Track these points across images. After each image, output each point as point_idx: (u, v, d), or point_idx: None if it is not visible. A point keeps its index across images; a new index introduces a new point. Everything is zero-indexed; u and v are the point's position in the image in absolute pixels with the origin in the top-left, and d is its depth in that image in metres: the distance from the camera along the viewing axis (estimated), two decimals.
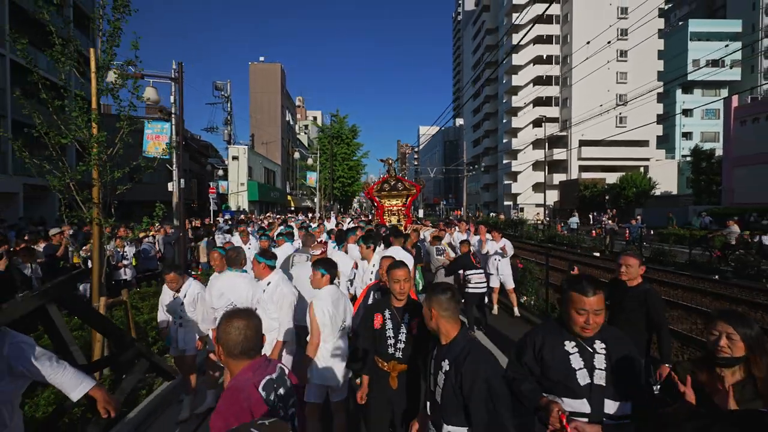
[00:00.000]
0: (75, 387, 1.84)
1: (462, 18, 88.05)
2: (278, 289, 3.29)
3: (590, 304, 1.71)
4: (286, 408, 1.56)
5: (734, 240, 13.12)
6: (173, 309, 3.88)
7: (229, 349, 1.49)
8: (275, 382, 1.54)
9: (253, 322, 1.54)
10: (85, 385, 1.86)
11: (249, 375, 1.48)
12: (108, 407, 1.90)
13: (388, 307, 2.56)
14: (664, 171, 41.63)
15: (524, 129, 48.45)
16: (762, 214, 16.88)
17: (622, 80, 44.22)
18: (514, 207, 46.97)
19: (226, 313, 1.60)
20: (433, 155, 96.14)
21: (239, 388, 1.44)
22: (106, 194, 4.64)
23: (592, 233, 20.92)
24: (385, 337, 2.50)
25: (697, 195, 30.30)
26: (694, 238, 16.11)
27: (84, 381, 1.87)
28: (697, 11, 54.73)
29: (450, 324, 1.85)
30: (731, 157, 25.09)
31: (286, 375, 1.65)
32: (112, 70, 6.89)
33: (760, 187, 20.95)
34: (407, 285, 2.52)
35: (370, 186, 11.36)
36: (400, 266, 2.55)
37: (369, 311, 2.66)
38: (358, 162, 37.06)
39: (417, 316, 2.45)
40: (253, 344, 1.52)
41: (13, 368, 1.71)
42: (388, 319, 2.52)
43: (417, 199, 11.46)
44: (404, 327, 2.48)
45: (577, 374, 1.74)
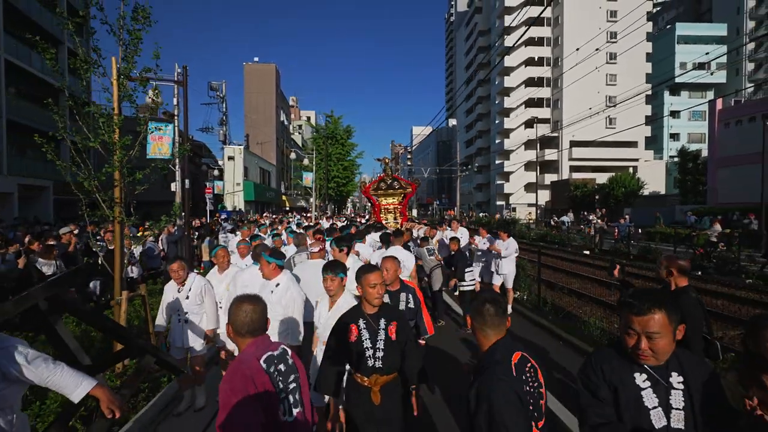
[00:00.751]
0: (75, 388, 1.75)
1: (454, 19, 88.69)
2: (288, 293, 3.25)
3: (642, 324, 1.42)
4: (286, 382, 1.75)
5: (715, 237, 13.73)
6: (177, 305, 3.73)
7: (237, 329, 1.72)
8: (276, 359, 1.75)
9: (259, 306, 1.76)
10: (86, 385, 1.77)
11: (252, 350, 1.71)
12: (112, 407, 1.81)
13: (361, 315, 2.35)
14: (653, 171, 42.59)
15: (516, 130, 49.13)
16: (743, 213, 17.55)
17: (611, 82, 45.09)
18: (507, 207, 47.63)
19: (236, 297, 1.80)
20: (426, 155, 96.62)
21: (243, 360, 1.68)
22: (126, 194, 4.89)
23: (588, 231, 21.44)
24: (363, 349, 2.27)
25: (683, 195, 31.12)
26: (679, 236, 16.73)
27: (84, 381, 1.78)
28: (684, 15, 55.98)
29: (483, 336, 1.67)
30: (716, 158, 25.88)
31: (289, 355, 1.84)
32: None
33: (743, 187, 21.69)
34: (383, 289, 2.36)
35: (366, 185, 11.63)
36: (371, 270, 2.38)
37: (341, 324, 2.37)
38: (353, 162, 37.37)
39: (393, 318, 2.36)
40: (258, 325, 1.74)
41: (6, 373, 1.67)
42: (363, 329, 2.30)
43: (411, 198, 11.75)
44: (382, 333, 2.30)
45: (651, 415, 1.43)
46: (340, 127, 35.69)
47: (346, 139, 35.98)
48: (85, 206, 4.84)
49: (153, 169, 5.22)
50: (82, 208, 4.87)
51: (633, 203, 31.70)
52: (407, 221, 10.77)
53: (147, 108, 7.25)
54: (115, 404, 1.82)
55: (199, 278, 3.86)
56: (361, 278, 2.34)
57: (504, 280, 6.93)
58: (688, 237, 16.30)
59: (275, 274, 3.31)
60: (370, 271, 2.35)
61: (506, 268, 6.83)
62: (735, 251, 11.89)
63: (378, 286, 2.31)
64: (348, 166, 36.66)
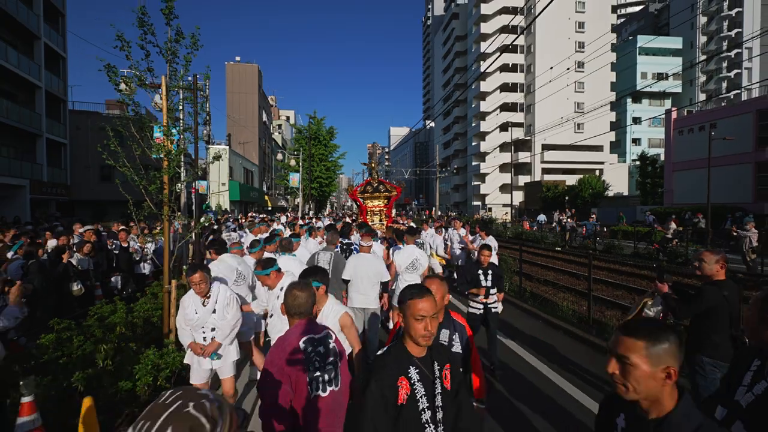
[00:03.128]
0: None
1: (432, 22, 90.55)
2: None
3: (615, 343, 1.20)
4: (323, 363, 1.90)
5: (671, 234, 15.44)
6: (202, 321, 3.29)
7: (287, 310, 1.97)
8: (316, 341, 1.91)
9: (306, 293, 1.98)
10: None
11: (296, 330, 1.91)
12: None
13: (410, 361, 1.58)
14: (617, 174, 45.55)
15: (492, 133, 51.14)
16: (694, 213, 19.59)
17: (579, 89, 47.78)
18: (483, 207, 49.57)
19: (290, 283, 2.07)
20: (404, 156, 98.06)
21: (286, 337, 1.90)
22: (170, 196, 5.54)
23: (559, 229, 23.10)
24: (418, 412, 1.54)
25: (643, 196, 33.65)
26: (639, 234, 18.52)
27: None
28: (645, 28, 59.90)
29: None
30: (671, 162, 28.32)
31: (332, 339, 2.00)
32: (123, 80, 7.86)
33: (694, 189, 23.98)
34: (436, 324, 1.58)
35: (354, 188, 12.14)
36: (421, 294, 1.58)
37: (382, 375, 1.56)
38: (335, 163, 37.96)
39: (446, 359, 1.67)
40: (304, 309, 1.96)
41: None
42: (417, 382, 1.56)
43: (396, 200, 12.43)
44: (438, 385, 1.59)
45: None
46: (323, 128, 36.22)
47: (329, 140, 36.55)
48: (132, 206, 5.47)
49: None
50: (130, 208, 5.50)
51: (599, 204, 33.99)
52: (392, 222, 11.20)
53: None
54: None
55: (224, 288, 3.47)
56: (405, 305, 1.58)
57: None
58: (647, 234, 18.10)
59: (278, 280, 3.30)
60: (419, 296, 1.56)
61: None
62: (684, 246, 13.54)
63: (429, 320, 1.54)
64: (330, 167, 37.23)
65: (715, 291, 2.83)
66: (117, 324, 5.26)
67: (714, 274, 2.92)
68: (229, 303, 3.36)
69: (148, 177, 5.26)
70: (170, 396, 0.79)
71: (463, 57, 58.75)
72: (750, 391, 1.52)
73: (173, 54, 5.50)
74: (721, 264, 2.91)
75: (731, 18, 47.88)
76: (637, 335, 1.13)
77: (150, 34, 5.31)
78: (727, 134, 21.02)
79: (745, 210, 20.08)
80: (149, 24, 5.17)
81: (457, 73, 59.33)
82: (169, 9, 5.30)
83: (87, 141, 28.24)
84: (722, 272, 2.92)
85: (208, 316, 3.28)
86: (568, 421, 3.59)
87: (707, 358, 2.84)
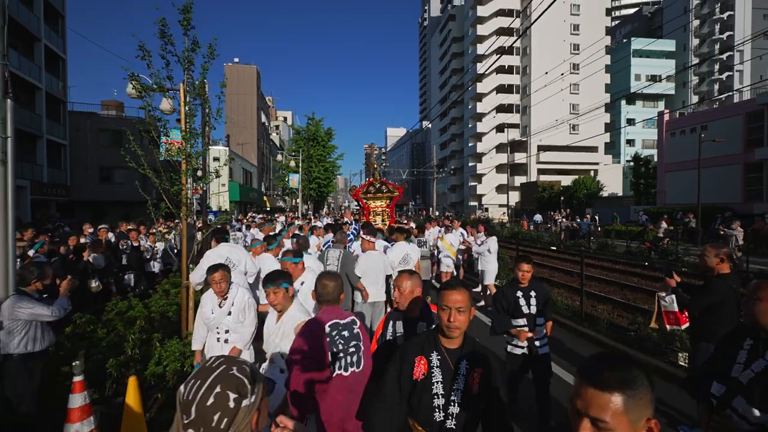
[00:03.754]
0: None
1: (428, 24, 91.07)
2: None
3: (589, 401, 0.96)
4: (346, 345, 2.09)
5: (662, 233, 15.91)
6: (217, 321, 3.24)
7: (317, 297, 2.21)
8: (341, 326, 2.12)
9: (333, 282, 2.22)
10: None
11: (323, 315, 2.13)
12: None
13: (435, 347, 1.69)
14: (611, 175, 46.19)
15: (488, 134, 51.67)
16: (685, 213, 20.12)
17: (574, 91, 48.40)
18: (480, 207, 50.06)
19: (320, 273, 2.34)
20: (401, 157, 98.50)
21: (314, 321, 2.13)
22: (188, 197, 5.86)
23: (555, 229, 23.58)
24: (431, 394, 1.63)
25: (637, 196, 34.23)
26: (632, 233, 19.00)
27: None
28: (639, 30, 60.71)
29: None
30: (664, 163, 28.89)
31: (357, 326, 2.20)
32: (130, 82, 8.27)
33: (686, 189, 24.52)
34: (461, 317, 1.63)
35: (356, 189, 12.23)
36: (454, 286, 1.67)
37: (405, 352, 1.72)
38: (333, 163, 38.29)
39: (480, 363, 1.66)
40: (331, 297, 2.18)
41: None
42: (436, 367, 1.65)
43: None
44: (461, 381, 1.64)
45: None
46: (322, 129, 36.54)
47: (327, 141, 36.88)
48: (151, 205, 5.80)
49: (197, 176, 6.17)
50: (149, 208, 5.83)
51: (593, 204, 34.54)
52: (395, 222, 11.26)
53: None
54: None
55: (242, 291, 3.37)
56: (442, 294, 1.68)
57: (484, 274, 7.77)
58: (639, 234, 18.58)
59: (300, 272, 3.53)
60: (449, 288, 1.68)
61: (488, 265, 7.66)
62: (674, 245, 14.00)
63: (454, 312, 1.62)
64: (329, 168, 37.55)
65: (724, 284, 2.93)
66: (137, 318, 5.59)
67: (716, 268, 3.00)
68: (247, 308, 3.26)
69: (169, 179, 5.58)
70: (215, 361, 0.94)
71: (459, 58, 59.26)
72: (748, 369, 1.67)
73: (190, 62, 5.84)
74: (721, 258, 2.99)
75: (723, 21, 48.70)
76: (610, 386, 0.84)
77: (170, 44, 5.65)
78: (717, 136, 21.58)
79: (734, 210, 20.62)
80: (169, 35, 5.51)
81: (454, 74, 59.83)
82: (187, 20, 5.64)
83: (86, 142, 28.40)
84: (726, 266, 3.00)
85: (223, 317, 3.22)
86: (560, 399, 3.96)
87: (711, 344, 2.91)
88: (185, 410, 0.87)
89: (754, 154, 22.33)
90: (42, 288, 3.36)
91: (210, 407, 0.86)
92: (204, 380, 0.89)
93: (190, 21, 5.67)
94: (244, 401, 0.89)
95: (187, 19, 5.62)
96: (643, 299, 8.23)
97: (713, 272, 3.01)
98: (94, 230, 9.85)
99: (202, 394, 0.87)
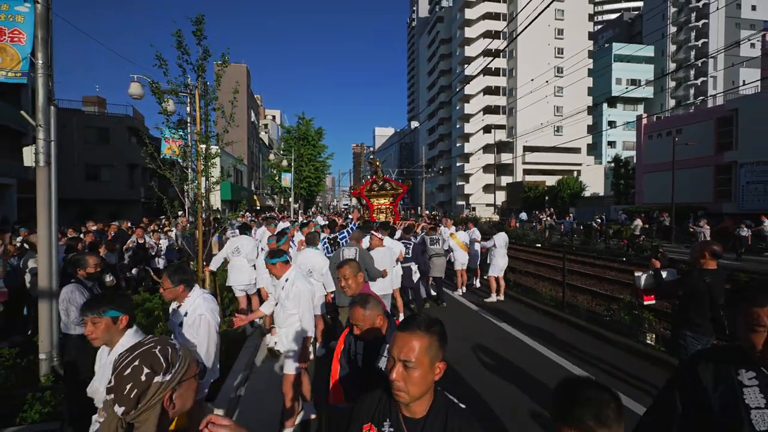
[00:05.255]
0: None
1: (416, 24, 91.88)
2: (294, 287, 3.27)
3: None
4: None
5: (638, 231, 16.88)
6: (172, 326, 2.80)
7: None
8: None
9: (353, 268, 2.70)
10: None
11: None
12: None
13: (389, 412, 1.24)
14: (594, 175, 47.72)
15: (476, 135, 52.71)
16: (660, 212, 21.24)
17: (559, 93, 49.80)
18: (467, 207, 51.06)
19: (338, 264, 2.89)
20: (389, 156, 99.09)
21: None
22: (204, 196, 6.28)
23: (540, 227, 24.49)
24: None
25: (617, 196, 35.60)
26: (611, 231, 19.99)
27: None
28: (620, 35, 62.72)
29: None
30: (642, 165, 30.21)
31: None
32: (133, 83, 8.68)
33: (662, 190, 25.79)
34: (418, 376, 1.13)
35: (360, 186, 12.25)
36: (409, 327, 1.19)
37: (353, 416, 1.31)
38: (324, 163, 38.60)
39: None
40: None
41: None
42: None
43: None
44: None
45: (752, 415, 1.18)
46: (312, 128, 36.82)
47: (318, 141, 37.18)
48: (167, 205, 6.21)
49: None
50: (165, 206, 6.24)
51: (576, 203, 35.77)
52: (400, 219, 11.50)
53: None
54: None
55: (201, 304, 2.60)
56: (394, 339, 1.21)
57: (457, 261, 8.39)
58: (617, 231, 19.58)
59: (284, 271, 3.34)
60: (405, 328, 1.20)
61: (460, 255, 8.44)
62: (649, 242, 14.93)
63: (406, 368, 1.14)
64: (319, 167, 37.84)
65: (698, 277, 3.20)
66: (155, 309, 6.00)
67: (699, 262, 3.26)
68: (197, 323, 2.51)
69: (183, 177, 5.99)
70: (149, 340, 1.06)
71: (447, 60, 60.16)
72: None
73: (202, 70, 6.28)
74: (706, 254, 3.24)
75: (698, 29, 50.82)
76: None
77: (186, 54, 6.06)
78: (691, 139, 22.82)
79: (706, 209, 21.88)
80: (185, 46, 5.93)
81: (442, 75, 60.70)
82: (200, 31, 6.08)
83: (73, 140, 28.04)
84: (712, 262, 3.23)
85: (175, 324, 2.74)
86: (543, 373, 4.57)
87: (689, 332, 3.27)
88: (111, 376, 0.98)
89: (723, 157, 23.69)
90: (92, 275, 3.77)
91: (125, 377, 0.95)
92: (130, 353, 1.00)
93: (203, 31, 6.11)
94: (156, 377, 0.97)
95: (200, 30, 6.06)
96: (619, 290, 8.98)
97: (699, 266, 3.27)
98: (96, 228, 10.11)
99: (123, 365, 0.98)
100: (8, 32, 4.17)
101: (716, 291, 3.16)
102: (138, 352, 1.00)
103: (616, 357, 5.04)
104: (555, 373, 4.54)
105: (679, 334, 3.35)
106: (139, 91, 10.67)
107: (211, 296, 2.80)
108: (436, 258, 7.59)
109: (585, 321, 6.34)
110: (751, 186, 21.39)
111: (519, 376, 4.52)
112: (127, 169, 30.53)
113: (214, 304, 2.72)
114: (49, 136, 4.16)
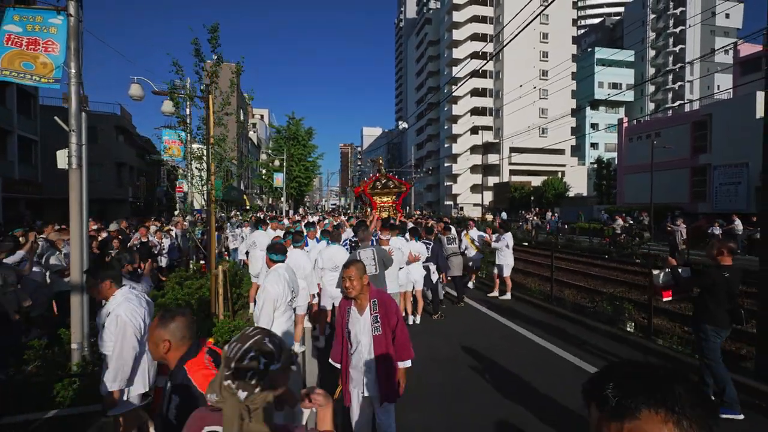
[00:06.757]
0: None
1: (404, 25, 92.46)
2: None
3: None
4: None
5: (619, 230, 17.72)
6: (97, 325, 2.76)
7: (343, 293, 2.80)
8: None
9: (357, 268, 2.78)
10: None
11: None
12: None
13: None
14: (577, 176, 49.09)
15: (463, 135, 53.56)
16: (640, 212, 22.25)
17: (543, 96, 51.04)
18: (455, 207, 51.87)
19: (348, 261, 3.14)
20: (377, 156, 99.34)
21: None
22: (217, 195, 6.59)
23: (526, 227, 25.28)
24: None
25: (599, 196, 36.84)
26: (594, 230, 20.88)
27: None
28: (602, 40, 64.59)
29: None
30: (623, 166, 31.41)
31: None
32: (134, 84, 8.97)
33: (642, 190, 26.92)
34: None
35: (364, 184, 12.19)
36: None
37: None
38: (314, 162, 38.77)
39: None
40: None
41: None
42: None
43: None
44: None
45: None
46: (302, 128, 36.95)
47: (308, 141, 37.34)
48: (179, 202, 6.51)
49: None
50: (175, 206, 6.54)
51: (561, 203, 36.88)
52: (403, 217, 11.45)
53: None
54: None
55: (123, 307, 2.54)
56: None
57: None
58: (600, 230, 20.47)
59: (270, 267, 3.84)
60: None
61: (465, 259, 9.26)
62: (629, 240, 15.76)
63: None
64: (309, 167, 37.99)
65: (716, 272, 3.44)
66: (169, 303, 6.30)
67: (716, 258, 3.54)
68: (115, 325, 2.47)
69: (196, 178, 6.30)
70: (253, 330, 1.15)
71: (435, 61, 60.89)
72: None
73: (216, 75, 6.61)
74: (722, 251, 3.52)
75: (676, 35, 52.83)
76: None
77: (202, 61, 6.38)
78: (669, 142, 23.93)
79: (683, 209, 22.98)
80: (201, 54, 6.25)
81: (430, 76, 61.39)
82: (215, 39, 6.41)
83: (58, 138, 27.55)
84: (728, 259, 3.49)
85: (99, 322, 2.70)
86: (532, 355, 5.07)
87: (710, 326, 3.44)
88: (227, 365, 1.06)
89: (699, 159, 24.90)
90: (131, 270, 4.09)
91: (245, 366, 1.05)
92: (243, 343, 1.09)
93: (218, 39, 6.44)
94: (272, 366, 1.08)
95: (215, 38, 6.40)
96: (601, 285, 9.63)
97: (715, 262, 3.56)
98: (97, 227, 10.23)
99: (240, 355, 1.06)
100: (42, 42, 4.44)
101: (734, 284, 3.43)
102: (251, 342, 1.09)
103: (600, 342, 5.59)
104: (542, 355, 5.05)
105: (700, 329, 3.52)
106: (139, 93, 10.83)
107: (138, 296, 2.65)
108: (454, 257, 7.64)
109: (571, 311, 6.90)
110: (724, 187, 22.59)
111: (513, 355, 5.02)
112: (115, 168, 30.13)
113: (137, 305, 2.55)
114: (80, 140, 4.46)
